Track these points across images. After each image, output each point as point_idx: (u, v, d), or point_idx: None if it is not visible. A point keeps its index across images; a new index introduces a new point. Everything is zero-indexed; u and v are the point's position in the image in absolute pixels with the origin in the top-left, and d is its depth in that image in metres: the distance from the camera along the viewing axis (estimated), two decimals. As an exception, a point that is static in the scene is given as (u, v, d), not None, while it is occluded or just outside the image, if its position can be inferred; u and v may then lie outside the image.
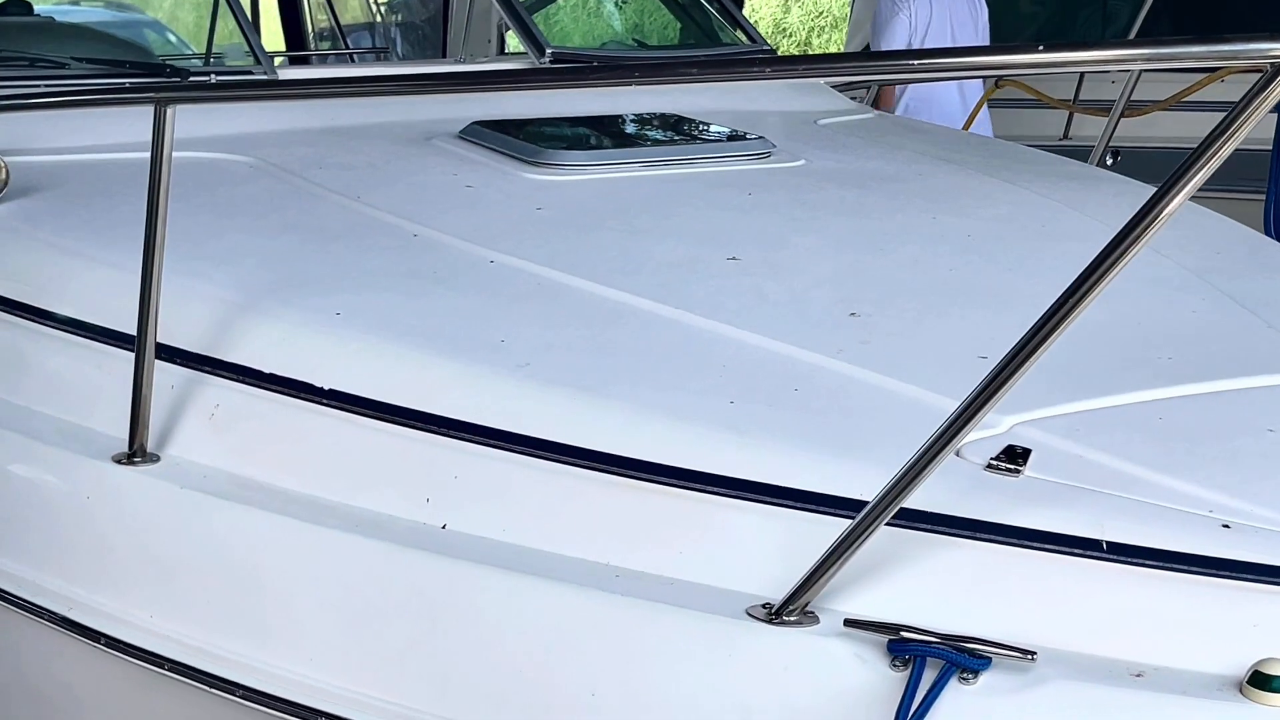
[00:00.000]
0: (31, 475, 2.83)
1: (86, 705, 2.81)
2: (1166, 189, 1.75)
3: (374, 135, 3.74)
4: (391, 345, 2.65)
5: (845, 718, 2.01)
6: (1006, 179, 3.77)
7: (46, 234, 3.25)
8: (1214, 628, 2.04)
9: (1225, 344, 2.76)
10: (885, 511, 1.99)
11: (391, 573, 2.38)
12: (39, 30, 5.14)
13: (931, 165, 3.89)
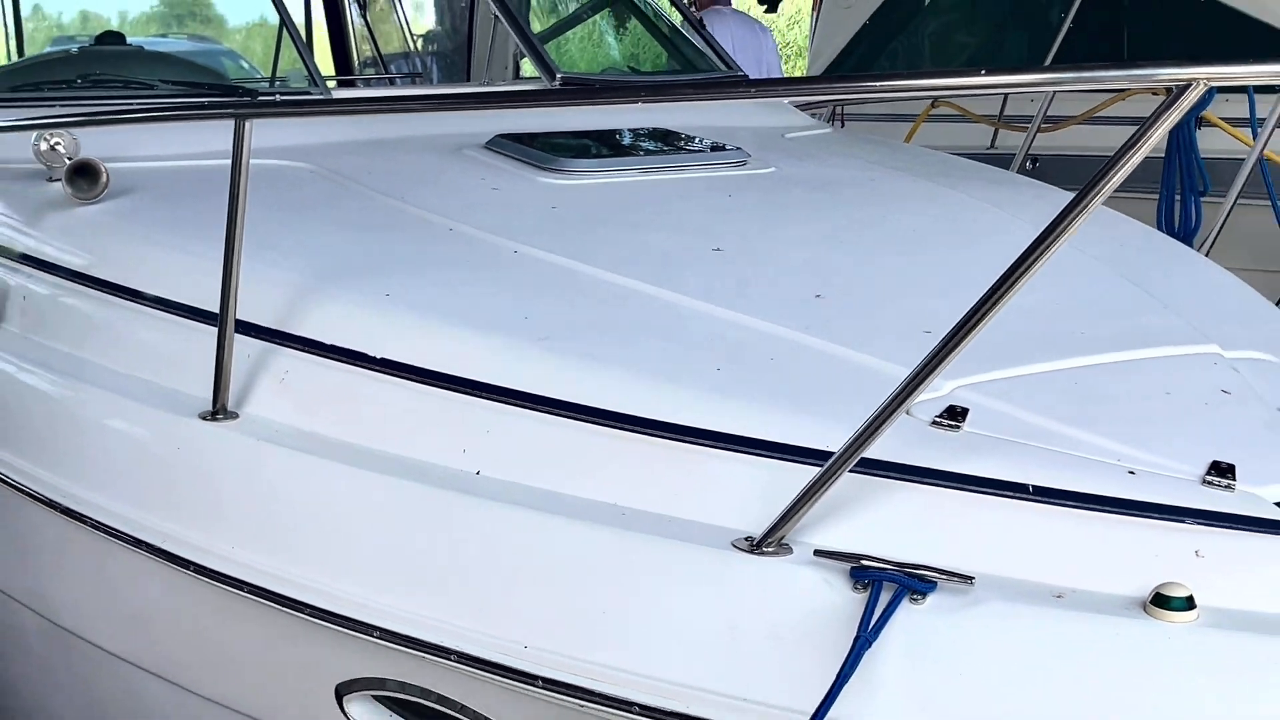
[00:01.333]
0: (130, 429, 2.84)
1: (174, 622, 2.82)
2: (1085, 194, 1.76)
3: (412, 146, 3.74)
4: (432, 321, 2.66)
5: (815, 633, 2.02)
6: (944, 184, 3.78)
7: (142, 228, 3.26)
8: (1122, 557, 2.05)
9: (1128, 321, 2.79)
10: (848, 460, 2.01)
11: (433, 511, 2.39)
12: (131, 58, 5.13)
13: (882, 172, 3.90)
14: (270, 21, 4.93)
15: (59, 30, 6.16)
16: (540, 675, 2.17)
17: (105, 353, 3.02)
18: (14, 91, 4.58)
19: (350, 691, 2.54)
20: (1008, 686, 1.96)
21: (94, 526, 2.76)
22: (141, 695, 3.06)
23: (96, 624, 3.06)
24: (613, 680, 2.12)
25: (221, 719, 2.88)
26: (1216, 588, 2.00)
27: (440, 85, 5.50)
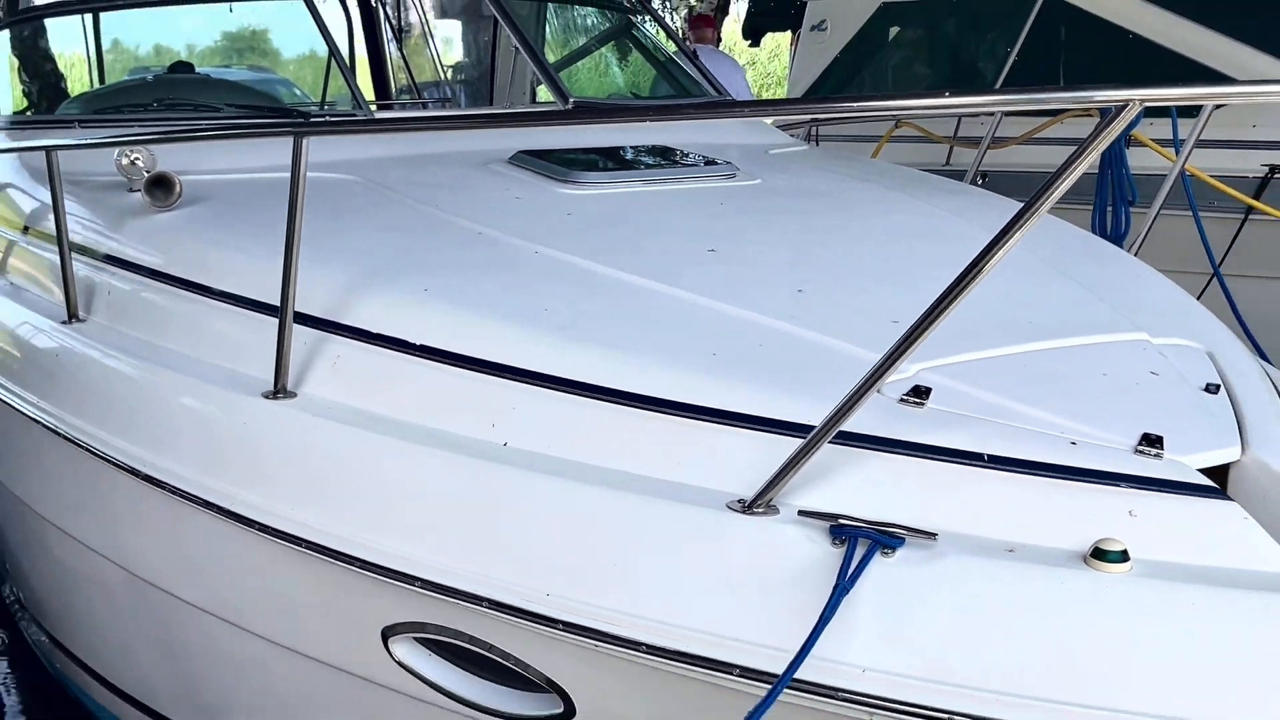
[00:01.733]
0: (201, 407, 2.84)
1: (239, 573, 2.83)
2: (1033, 202, 1.78)
3: (444, 161, 3.74)
4: (465, 312, 2.67)
5: (799, 582, 2.03)
6: (907, 194, 3.77)
7: (211, 232, 3.27)
8: (1065, 516, 2.06)
9: (1069, 312, 2.79)
10: (828, 432, 2.02)
11: (466, 478, 2.40)
12: (199, 85, 5.13)
13: (853, 184, 3.90)
14: (319, 54, 4.92)
15: (136, 61, 6.16)
16: (560, 619, 2.17)
17: (179, 340, 3.03)
18: (98, 114, 4.58)
19: (394, 634, 2.54)
20: (965, 628, 1.97)
21: (170, 490, 2.76)
22: (209, 637, 3.07)
23: (170, 575, 3.07)
24: (623, 623, 2.12)
25: (280, 658, 2.89)
26: (1147, 543, 2.00)
27: (467, 108, 5.46)
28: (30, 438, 3.40)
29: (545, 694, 2.41)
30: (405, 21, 6.72)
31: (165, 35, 6.07)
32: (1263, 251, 5.86)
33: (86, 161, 3.70)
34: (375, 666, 2.63)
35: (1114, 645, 1.91)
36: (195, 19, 6.21)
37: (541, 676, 2.38)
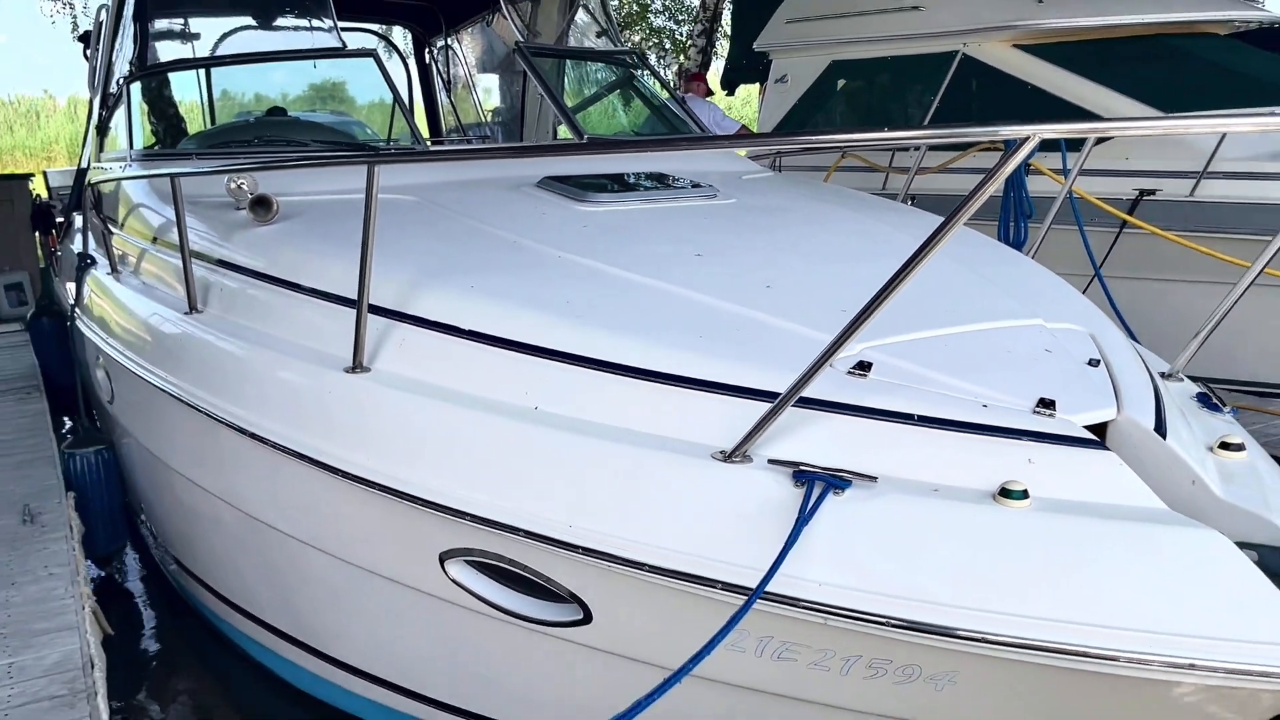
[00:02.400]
0: (295, 379, 2.85)
1: (326, 510, 2.83)
2: (951, 218, 1.79)
3: (485, 185, 3.72)
4: (502, 304, 2.67)
5: (768, 516, 2.05)
6: (852, 210, 3.77)
7: (302, 241, 3.27)
8: (978, 464, 2.09)
9: (981, 303, 2.79)
10: (791, 398, 2.03)
11: (505, 434, 2.41)
12: (290, 125, 5.12)
13: (810, 202, 3.89)
14: (385, 101, 4.89)
15: (239, 106, 6.17)
16: (580, 545, 2.19)
17: (277, 327, 3.03)
18: (211, 148, 4.58)
19: (449, 558, 2.55)
20: (900, 551, 1.99)
21: (270, 445, 2.77)
22: (300, 560, 3.08)
23: (269, 511, 3.08)
24: (630, 548, 2.14)
25: (356, 576, 2.91)
26: (1043, 484, 2.03)
27: (503, 143, 5.46)
28: (160, 404, 3.40)
29: (569, 604, 2.42)
30: (453, 75, 6.71)
31: (263, 86, 6.09)
32: (1133, 258, 5.86)
33: (202, 186, 3.70)
34: (434, 583, 2.64)
35: (1017, 564, 1.93)
36: (286, 73, 6.24)
37: (566, 590, 2.39)
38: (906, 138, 1.82)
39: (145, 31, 4.69)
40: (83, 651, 3.03)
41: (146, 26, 4.71)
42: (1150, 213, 6.14)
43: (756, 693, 2.33)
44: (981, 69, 7.16)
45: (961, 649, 1.92)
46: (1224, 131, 6.06)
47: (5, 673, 2.93)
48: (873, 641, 2.02)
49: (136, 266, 4.09)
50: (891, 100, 7.70)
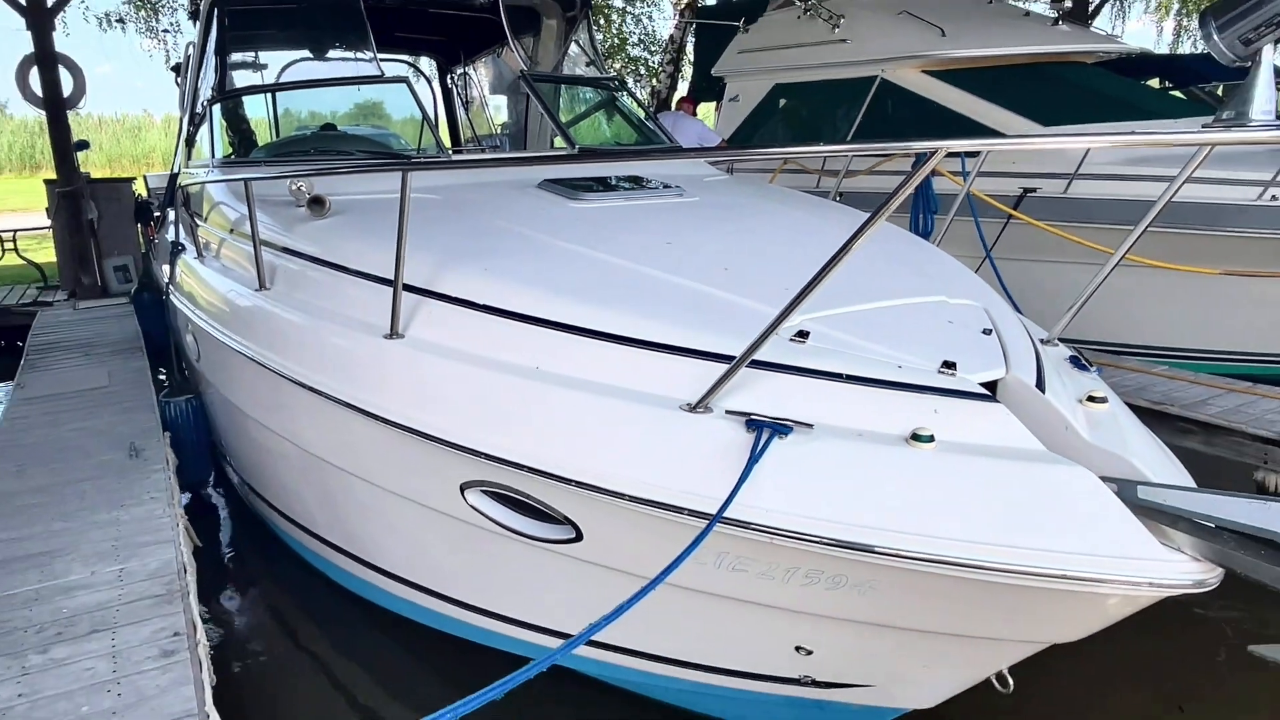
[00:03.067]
0: (345, 344, 2.81)
1: (370, 448, 2.79)
2: (875, 214, 1.79)
3: (495, 186, 3.69)
4: (510, 282, 2.64)
5: (726, 456, 2.03)
6: (794, 207, 3.74)
7: (350, 231, 3.22)
8: (895, 413, 2.08)
9: (896, 283, 2.77)
10: (744, 360, 2.03)
11: (512, 388, 2.38)
12: (338, 138, 5.08)
13: (758, 200, 3.85)
14: (416, 117, 4.85)
15: (299, 122, 6.17)
16: (573, 478, 2.18)
17: (329, 301, 3.00)
18: (276, 157, 4.51)
19: (468, 487, 2.54)
20: (831, 485, 1.98)
21: (324, 396, 2.74)
22: (349, 487, 3.05)
23: (324, 448, 3.05)
24: (613, 480, 2.13)
25: (394, 501, 2.89)
26: (946, 430, 2.03)
27: (510, 152, 5.38)
28: (236, 363, 3.37)
29: (564, 525, 2.41)
30: (470, 96, 6.68)
31: (317, 106, 6.12)
32: (1018, 244, 5.90)
33: (269, 188, 3.66)
34: (455, 508, 2.62)
35: (925, 495, 1.94)
36: (336, 96, 6.20)
37: (561, 514, 2.38)
38: (840, 151, 1.79)
39: (224, 64, 4.67)
40: (177, 560, 3.04)
41: (225, 60, 4.68)
42: (1031, 207, 6.16)
43: (715, 597, 2.32)
44: (897, 91, 7.13)
45: (881, 563, 1.92)
46: (1089, 147, 6.10)
47: (117, 576, 2.94)
48: (809, 556, 2.02)
49: (217, 252, 4.05)
50: (823, 116, 7.67)
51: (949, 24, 7.08)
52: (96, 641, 2.55)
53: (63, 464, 3.91)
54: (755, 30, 8.54)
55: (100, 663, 2.45)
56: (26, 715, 2.24)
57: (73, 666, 2.44)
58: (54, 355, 5.94)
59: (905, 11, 7.32)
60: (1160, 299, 6.05)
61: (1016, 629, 2.09)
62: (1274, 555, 1.63)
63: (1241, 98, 1.71)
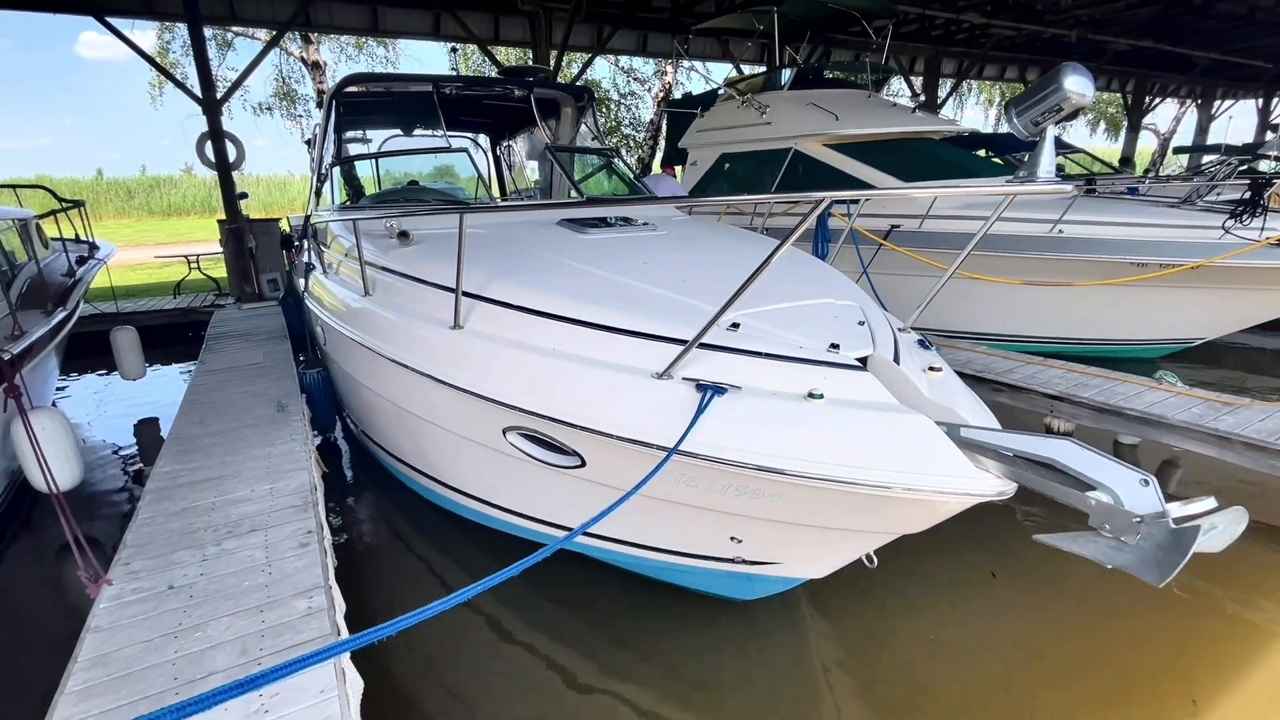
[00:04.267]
0: (421, 332, 2.74)
1: (440, 406, 2.75)
2: (782, 242, 1.76)
3: (528, 224, 3.59)
4: (535, 291, 2.58)
5: (681, 409, 2.01)
6: (732, 238, 3.66)
7: (426, 256, 3.14)
8: (797, 379, 2.05)
9: (800, 289, 2.72)
10: (695, 342, 2.00)
11: (537, 363, 2.34)
12: (421, 190, 4.99)
13: (709, 234, 3.74)
14: (474, 176, 4.73)
15: (393, 180, 6.04)
16: (579, 424, 2.15)
17: (413, 304, 2.92)
18: (377, 204, 4.43)
19: (508, 431, 2.51)
20: (754, 428, 1.96)
21: (410, 369, 2.71)
22: (427, 429, 3.02)
23: (410, 403, 3.00)
24: (606, 425, 2.11)
25: (459, 440, 2.85)
26: (832, 390, 2.01)
27: (540, 200, 5.30)
28: (350, 346, 3.31)
29: (572, 456, 2.39)
30: (512, 161, 6.57)
31: (406, 168, 6.04)
32: (885, 263, 5.85)
33: (372, 225, 3.60)
34: (500, 444, 2.60)
35: (817, 434, 1.92)
36: (420, 161, 6.11)
37: (570, 449, 2.36)
38: (765, 199, 1.76)
39: (340, 139, 4.57)
40: (310, 481, 3.01)
41: (340, 136, 4.58)
42: (896, 238, 6.10)
43: (676, 504, 2.32)
44: (805, 158, 7.05)
45: (787, 480, 1.92)
46: (935, 195, 6.05)
47: (269, 491, 2.93)
48: (739, 476, 2.01)
49: (337, 270, 3.97)
50: (755, 175, 7.59)
51: (841, 111, 6.99)
52: (255, 537, 2.55)
53: (231, 416, 3.88)
54: (708, 116, 8.42)
55: (257, 551, 2.45)
56: (205, 588, 2.24)
57: (238, 554, 2.44)
58: (225, 341, 5.86)
59: (811, 103, 7.24)
60: (982, 300, 6.03)
61: (878, 524, 2.10)
62: (1049, 474, 1.65)
63: (1033, 161, 1.69)
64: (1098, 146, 27.86)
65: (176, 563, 2.39)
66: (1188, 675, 2.47)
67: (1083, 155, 10.31)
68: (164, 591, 2.22)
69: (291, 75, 16.05)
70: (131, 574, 2.32)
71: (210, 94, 8.00)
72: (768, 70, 8.43)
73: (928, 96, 13.89)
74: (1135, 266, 5.32)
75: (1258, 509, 3.69)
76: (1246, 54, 15.11)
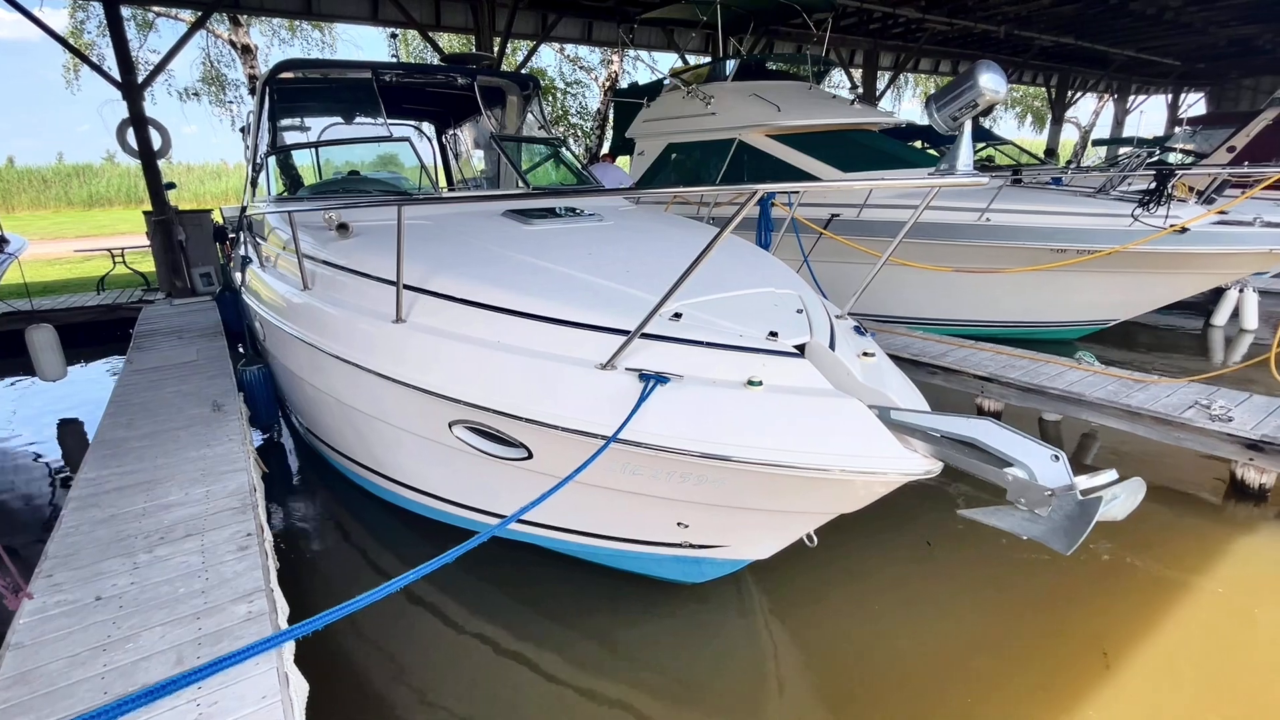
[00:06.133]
0: (364, 327, 2.68)
1: (386, 399, 2.70)
2: (722, 230, 1.77)
3: (472, 215, 3.52)
4: (478, 282, 2.55)
5: (624, 398, 2.02)
6: (679, 229, 3.66)
7: (367, 249, 3.04)
8: (737, 367, 2.08)
9: (740, 278, 2.70)
10: (638, 332, 2.01)
11: (478, 355, 2.32)
12: (361, 180, 4.81)
13: (655, 224, 3.73)
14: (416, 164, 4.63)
15: (334, 169, 5.84)
16: (525, 417, 2.14)
17: (353, 298, 2.86)
18: (316, 195, 4.27)
19: (454, 424, 2.48)
20: (695, 416, 1.98)
21: (351, 364, 2.65)
22: (371, 424, 2.96)
23: (352, 398, 2.94)
24: (551, 418, 2.11)
25: (404, 435, 2.80)
26: (770, 378, 2.04)
27: (485, 191, 5.21)
28: (290, 341, 3.22)
29: (519, 448, 2.38)
30: (458, 150, 6.42)
31: (345, 156, 5.82)
32: (825, 252, 5.96)
33: (310, 217, 3.48)
34: (446, 438, 2.57)
35: (756, 421, 1.95)
36: (362, 149, 5.92)
37: (517, 441, 2.35)
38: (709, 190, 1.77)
39: (275, 127, 4.40)
40: (249, 482, 2.91)
41: (276, 124, 4.40)
42: (835, 227, 6.22)
43: (623, 492, 2.33)
44: (749, 148, 7.11)
45: (727, 466, 1.95)
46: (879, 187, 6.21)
47: (205, 494, 2.81)
48: (683, 463, 2.03)
49: (274, 263, 3.83)
50: (700, 165, 7.62)
51: (783, 103, 7.07)
52: (190, 542, 2.45)
53: (163, 417, 3.70)
54: (655, 106, 8.40)
55: (192, 557, 2.35)
56: (137, 597, 2.15)
57: (172, 561, 2.33)
58: (155, 339, 5.57)
59: (754, 94, 7.30)
60: (917, 287, 6.20)
61: (816, 505, 2.15)
62: (972, 452, 1.72)
63: (952, 155, 1.75)
64: (1025, 138, 29.02)
65: (104, 572, 2.27)
66: (1099, 631, 2.64)
67: (1011, 147, 10.75)
68: (91, 603, 2.12)
69: (221, 59, 15.27)
70: (55, 586, 2.21)
71: (130, 78, 7.54)
72: (712, 61, 8.47)
73: (866, 89, 14.21)
74: (1054, 253, 5.59)
75: (1164, 476, 3.99)
76: (1158, 52, 15.99)
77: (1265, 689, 2.36)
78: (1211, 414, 3.69)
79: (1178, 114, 21.69)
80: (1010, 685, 2.39)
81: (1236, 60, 17.36)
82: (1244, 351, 6.54)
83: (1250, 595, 2.86)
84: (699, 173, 7.58)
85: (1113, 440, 4.45)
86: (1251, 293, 7.20)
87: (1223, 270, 5.62)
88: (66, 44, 8.20)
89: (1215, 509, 3.59)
